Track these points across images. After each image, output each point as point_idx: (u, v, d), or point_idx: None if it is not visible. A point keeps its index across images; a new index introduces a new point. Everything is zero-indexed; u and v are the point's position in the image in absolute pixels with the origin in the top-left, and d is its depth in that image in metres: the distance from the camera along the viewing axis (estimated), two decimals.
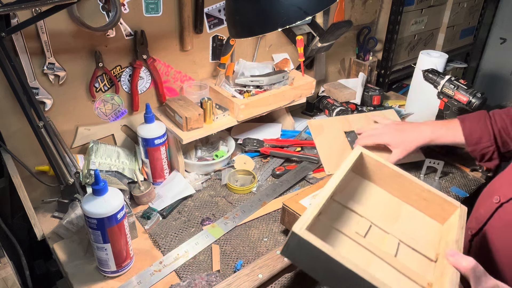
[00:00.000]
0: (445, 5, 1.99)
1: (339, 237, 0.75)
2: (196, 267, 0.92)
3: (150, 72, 1.19)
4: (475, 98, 1.24)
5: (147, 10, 1.11)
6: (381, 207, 0.85)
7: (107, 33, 1.06)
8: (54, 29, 0.97)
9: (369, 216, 0.81)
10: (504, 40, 2.40)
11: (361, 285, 0.59)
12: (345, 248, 0.74)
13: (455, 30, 2.13)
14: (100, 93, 1.12)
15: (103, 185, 0.80)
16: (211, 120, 1.20)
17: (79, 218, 0.99)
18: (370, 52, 1.75)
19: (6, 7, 0.78)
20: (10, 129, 0.99)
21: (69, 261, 0.93)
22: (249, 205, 1.11)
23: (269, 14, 0.77)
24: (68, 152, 1.03)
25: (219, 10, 1.26)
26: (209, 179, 1.22)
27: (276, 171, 1.23)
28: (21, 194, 0.94)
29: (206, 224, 1.04)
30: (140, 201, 1.09)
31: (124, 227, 0.85)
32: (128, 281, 0.88)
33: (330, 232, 0.76)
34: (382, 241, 0.77)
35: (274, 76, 1.30)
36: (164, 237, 1.00)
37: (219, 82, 1.29)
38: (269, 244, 0.99)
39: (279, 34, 1.45)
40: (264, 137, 1.37)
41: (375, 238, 0.77)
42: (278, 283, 0.89)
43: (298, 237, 0.61)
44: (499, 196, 0.78)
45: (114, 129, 1.20)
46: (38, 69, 0.99)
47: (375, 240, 0.76)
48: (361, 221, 0.79)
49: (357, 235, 0.75)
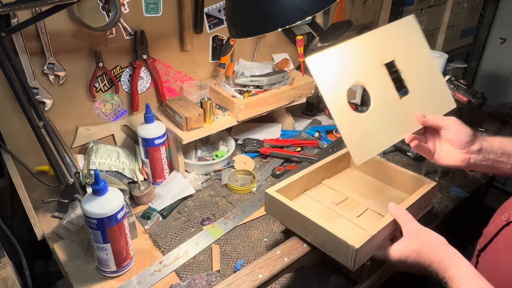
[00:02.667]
0: (445, 5, 1.99)
1: (314, 205, 0.99)
2: (196, 267, 0.92)
3: (150, 72, 1.19)
4: (475, 98, 1.24)
5: (147, 10, 1.11)
6: (363, 187, 1.06)
7: (107, 33, 1.06)
8: (54, 29, 0.97)
9: (349, 193, 1.02)
10: (504, 40, 2.40)
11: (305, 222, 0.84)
12: (316, 210, 0.95)
13: (455, 30, 2.13)
14: (100, 93, 1.12)
15: (103, 185, 0.80)
16: (211, 120, 1.20)
17: (79, 218, 0.99)
18: None
19: (6, 7, 0.78)
20: (10, 129, 0.99)
21: (69, 261, 0.93)
22: (249, 205, 1.11)
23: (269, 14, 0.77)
24: (68, 152, 1.03)
25: (219, 10, 1.26)
26: (209, 179, 1.22)
27: (276, 171, 1.23)
28: (21, 194, 0.94)
29: (206, 224, 1.04)
30: (140, 201, 1.09)
31: (124, 227, 0.85)
32: (128, 281, 0.88)
33: (309, 203, 1.00)
34: (351, 207, 0.98)
35: (274, 76, 1.30)
36: (164, 237, 1.00)
37: (219, 82, 1.29)
38: (269, 244, 0.99)
39: (279, 34, 1.45)
40: (264, 137, 1.37)
41: (347, 206, 0.99)
42: (278, 283, 0.89)
43: (269, 196, 0.91)
44: (508, 214, 0.77)
45: (114, 129, 1.19)
46: (38, 69, 0.99)
47: (346, 206, 0.98)
48: (340, 196, 1.01)
49: (331, 204, 0.98)
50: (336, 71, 0.79)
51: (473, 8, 2.19)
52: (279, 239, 1.01)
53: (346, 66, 0.80)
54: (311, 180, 1.04)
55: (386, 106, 0.82)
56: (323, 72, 0.77)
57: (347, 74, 0.80)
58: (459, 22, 2.12)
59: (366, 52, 0.83)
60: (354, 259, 0.76)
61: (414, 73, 0.85)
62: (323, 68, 0.78)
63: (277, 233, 1.03)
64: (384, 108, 0.82)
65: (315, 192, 1.04)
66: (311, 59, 0.77)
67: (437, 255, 0.72)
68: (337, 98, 0.78)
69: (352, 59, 0.81)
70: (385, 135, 0.82)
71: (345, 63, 0.80)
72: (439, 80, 0.89)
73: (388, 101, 0.83)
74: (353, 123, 0.79)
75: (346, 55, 0.81)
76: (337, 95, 0.78)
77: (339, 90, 0.78)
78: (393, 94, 0.83)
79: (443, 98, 0.88)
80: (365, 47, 0.83)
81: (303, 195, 1.03)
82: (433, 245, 0.74)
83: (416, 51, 0.87)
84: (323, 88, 0.77)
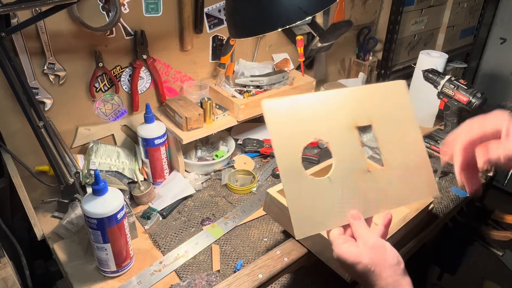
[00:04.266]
0: (445, 5, 1.99)
1: None
2: (196, 267, 0.92)
3: (150, 72, 1.19)
4: (475, 98, 1.24)
5: (147, 10, 1.11)
6: None
7: (107, 33, 1.06)
8: (54, 29, 0.97)
9: None
10: (504, 40, 2.40)
11: None
12: None
13: (455, 30, 2.13)
14: (100, 93, 1.12)
15: (103, 185, 0.80)
16: (211, 120, 1.20)
17: (79, 218, 0.99)
18: (370, 52, 1.75)
19: (6, 7, 0.78)
20: (10, 129, 0.99)
21: (69, 261, 0.93)
22: (249, 205, 1.11)
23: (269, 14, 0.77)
24: (68, 152, 1.03)
25: (219, 10, 1.26)
26: (209, 179, 1.22)
27: (276, 171, 1.23)
28: (21, 194, 0.94)
29: (206, 224, 1.04)
30: (140, 201, 1.09)
31: (124, 227, 0.85)
32: (128, 281, 0.88)
33: None
34: None
35: (274, 76, 1.30)
36: (164, 237, 1.00)
37: (219, 82, 1.29)
38: (269, 244, 0.99)
39: (279, 34, 1.45)
40: (264, 137, 1.37)
41: None
42: (278, 283, 0.89)
43: (270, 196, 0.91)
44: None
45: (114, 129, 1.19)
46: (38, 69, 0.99)
47: None
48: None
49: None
50: (295, 123, 0.67)
51: (473, 8, 2.19)
52: (279, 239, 1.01)
53: (309, 120, 0.68)
54: None
55: (347, 176, 0.69)
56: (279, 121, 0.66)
57: (308, 129, 0.68)
58: (459, 22, 2.12)
59: (338, 108, 0.70)
60: None
61: (394, 145, 0.72)
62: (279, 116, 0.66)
63: (277, 233, 1.03)
64: (345, 178, 0.69)
65: None
66: (266, 103, 0.66)
67: (383, 279, 0.62)
68: (290, 154, 0.66)
69: (318, 113, 0.69)
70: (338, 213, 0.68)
71: (308, 115, 0.68)
72: (423, 159, 0.74)
73: (352, 170, 0.69)
74: (303, 188, 0.66)
75: (311, 106, 0.69)
76: (290, 151, 0.66)
77: (294, 146, 0.67)
78: (360, 164, 0.70)
79: (424, 183, 0.74)
80: (339, 102, 0.70)
81: None
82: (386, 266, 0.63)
83: (401, 120, 0.74)
84: (275, 139, 0.66)
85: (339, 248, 0.66)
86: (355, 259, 0.63)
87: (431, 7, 1.91)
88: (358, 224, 0.68)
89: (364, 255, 0.63)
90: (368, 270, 0.63)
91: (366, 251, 0.64)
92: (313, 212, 0.67)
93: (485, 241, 1.56)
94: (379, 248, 0.65)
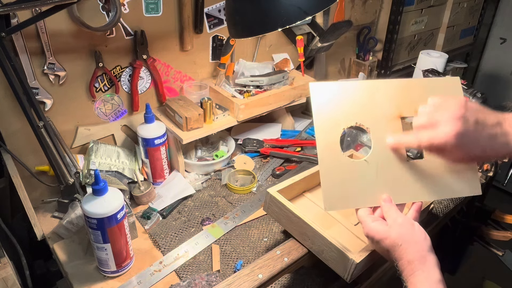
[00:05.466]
0: (445, 5, 1.99)
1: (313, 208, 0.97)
2: (196, 267, 0.92)
3: (150, 72, 1.19)
4: (475, 98, 1.24)
5: (147, 10, 1.11)
6: None
7: (107, 33, 1.06)
8: (54, 29, 0.97)
9: None
10: (504, 40, 2.41)
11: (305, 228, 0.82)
12: (314, 214, 0.93)
13: (455, 30, 2.13)
14: (100, 93, 1.12)
15: (103, 185, 0.80)
16: (211, 120, 1.20)
17: (79, 218, 0.99)
18: (370, 52, 1.75)
19: (6, 7, 0.78)
20: (10, 129, 0.99)
21: (69, 261, 0.93)
22: (249, 205, 1.11)
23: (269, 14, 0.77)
24: (68, 152, 1.03)
25: (219, 10, 1.26)
26: (209, 179, 1.22)
27: (276, 171, 1.23)
28: (21, 194, 0.94)
29: (206, 224, 1.04)
30: (140, 201, 1.09)
31: (124, 227, 0.85)
32: (128, 281, 0.88)
33: (307, 205, 0.99)
34: (349, 214, 0.92)
35: (274, 76, 1.30)
36: (164, 237, 1.00)
37: (219, 82, 1.29)
38: (269, 244, 0.99)
39: (279, 34, 1.45)
40: (264, 137, 1.37)
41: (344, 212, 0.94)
42: (278, 283, 0.89)
43: (270, 196, 0.89)
44: None
45: (114, 129, 1.19)
46: (38, 69, 0.99)
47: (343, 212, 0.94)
48: None
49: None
50: (338, 105, 0.71)
51: (473, 8, 2.19)
52: (279, 239, 1.01)
53: (352, 104, 0.71)
54: (311, 181, 1.03)
55: (384, 162, 0.71)
56: (323, 101, 0.70)
57: (350, 113, 0.71)
58: (459, 22, 2.12)
59: (384, 96, 0.72)
60: (352, 272, 0.75)
61: None
62: (324, 96, 0.71)
63: (277, 233, 1.03)
64: (382, 164, 0.71)
65: (314, 194, 1.03)
66: (314, 84, 0.71)
67: (410, 254, 0.65)
68: (329, 133, 0.69)
69: (363, 99, 0.72)
70: (369, 194, 0.71)
71: (352, 100, 0.71)
72: None
73: (389, 157, 0.71)
74: (338, 165, 0.70)
75: (357, 92, 0.72)
76: (329, 130, 0.70)
77: (334, 127, 0.70)
78: (399, 152, 0.72)
79: (467, 180, 0.74)
80: (385, 91, 0.72)
81: (302, 196, 1.03)
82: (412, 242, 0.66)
83: None
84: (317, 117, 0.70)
85: (369, 225, 0.70)
86: (383, 234, 0.68)
87: (431, 7, 1.91)
88: (389, 206, 0.71)
89: (393, 231, 0.67)
90: (396, 245, 0.66)
91: (395, 228, 0.68)
92: (345, 189, 0.70)
93: (485, 241, 1.56)
94: (407, 225, 0.68)
